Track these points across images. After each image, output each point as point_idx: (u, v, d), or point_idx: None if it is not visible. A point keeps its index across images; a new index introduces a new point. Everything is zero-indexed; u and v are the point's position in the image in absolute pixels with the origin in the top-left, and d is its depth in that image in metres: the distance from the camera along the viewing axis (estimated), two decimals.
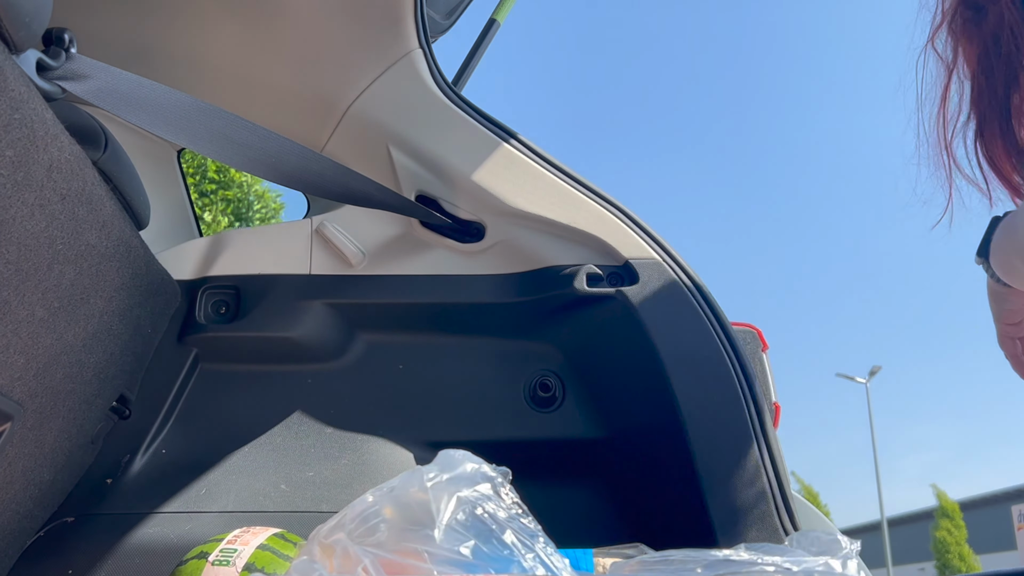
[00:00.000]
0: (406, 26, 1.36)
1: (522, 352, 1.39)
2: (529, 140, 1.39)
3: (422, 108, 1.39)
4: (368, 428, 1.34)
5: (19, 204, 0.83)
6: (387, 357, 1.39)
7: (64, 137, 0.90)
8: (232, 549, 0.88)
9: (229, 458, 1.31)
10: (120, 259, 1.08)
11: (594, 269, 1.31)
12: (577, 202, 1.34)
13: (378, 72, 1.39)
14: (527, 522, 0.54)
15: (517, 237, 1.36)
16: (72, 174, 0.92)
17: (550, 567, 0.51)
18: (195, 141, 1.07)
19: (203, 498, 1.26)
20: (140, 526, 1.22)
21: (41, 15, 0.84)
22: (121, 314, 1.13)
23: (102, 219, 1.01)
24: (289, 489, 1.27)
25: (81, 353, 1.06)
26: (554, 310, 1.35)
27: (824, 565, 0.60)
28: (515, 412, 1.36)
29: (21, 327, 0.90)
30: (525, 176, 1.35)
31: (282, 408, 1.36)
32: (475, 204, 1.36)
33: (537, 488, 1.12)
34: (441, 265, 1.39)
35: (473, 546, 0.50)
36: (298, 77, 1.42)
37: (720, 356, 1.23)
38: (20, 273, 0.87)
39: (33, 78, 0.86)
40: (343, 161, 1.33)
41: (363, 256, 1.39)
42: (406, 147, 1.38)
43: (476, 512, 0.52)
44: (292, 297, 1.36)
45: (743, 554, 0.60)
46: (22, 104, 0.80)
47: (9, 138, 0.78)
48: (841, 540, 0.63)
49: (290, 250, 1.39)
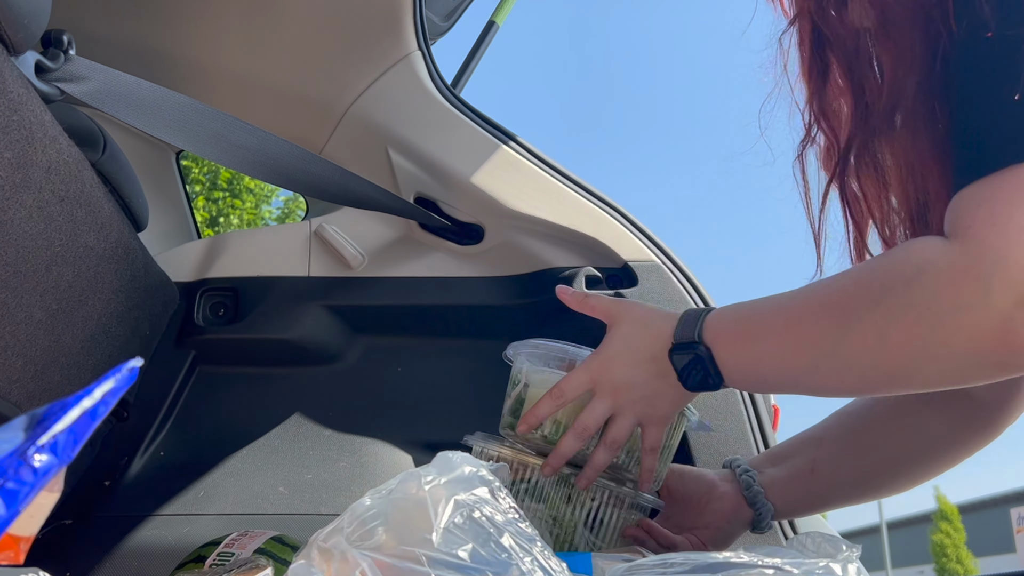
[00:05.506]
0: (405, 28, 1.36)
1: None
2: (528, 142, 1.39)
3: (421, 110, 1.39)
4: (367, 430, 1.34)
5: (17, 206, 0.83)
6: (386, 359, 1.39)
7: (63, 139, 0.90)
8: (229, 553, 0.87)
9: (227, 460, 1.30)
10: (119, 261, 1.08)
11: (593, 272, 1.31)
12: (576, 204, 1.34)
13: (377, 74, 1.39)
14: (524, 526, 0.53)
15: (516, 239, 1.36)
16: (70, 176, 0.92)
17: (548, 571, 0.51)
18: (194, 143, 1.07)
19: (201, 500, 1.26)
20: (138, 528, 1.22)
21: (40, 17, 0.84)
22: (119, 316, 1.13)
23: (100, 221, 1.01)
24: (288, 491, 1.27)
25: (79, 355, 1.06)
26: (553, 312, 1.35)
27: (824, 568, 0.59)
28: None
29: (19, 329, 0.90)
30: (524, 178, 1.35)
31: (281, 410, 1.35)
32: (474, 206, 1.36)
33: None
34: (440, 267, 1.39)
35: (471, 549, 0.50)
36: (297, 79, 1.42)
37: None
38: (18, 275, 0.87)
39: (32, 80, 0.86)
40: (342, 163, 1.33)
41: (362, 258, 1.38)
42: (405, 149, 1.38)
43: (474, 516, 0.52)
44: (291, 299, 1.36)
45: (743, 556, 0.60)
46: (21, 106, 0.80)
47: (7, 140, 0.78)
48: (841, 543, 0.63)
49: (289, 252, 1.39)
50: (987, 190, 0.62)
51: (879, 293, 0.67)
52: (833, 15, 0.79)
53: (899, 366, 0.68)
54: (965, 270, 0.62)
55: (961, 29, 0.67)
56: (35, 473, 0.35)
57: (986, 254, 0.61)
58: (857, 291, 0.70)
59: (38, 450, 0.35)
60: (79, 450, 0.37)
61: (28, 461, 0.35)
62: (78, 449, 0.36)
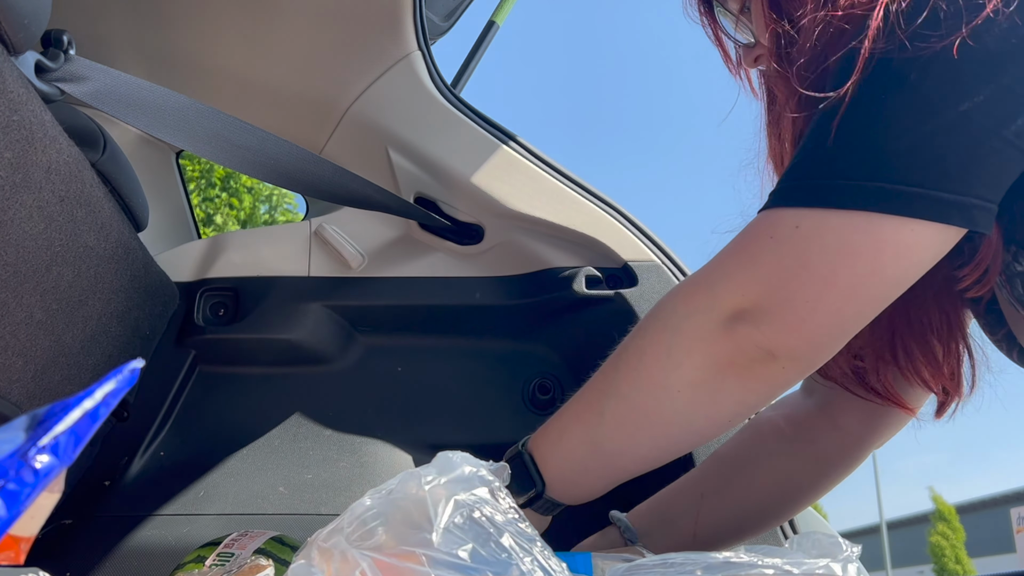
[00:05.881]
0: (405, 28, 1.36)
1: (521, 354, 1.39)
2: (528, 142, 1.39)
3: (421, 110, 1.39)
4: (367, 430, 1.34)
5: (17, 206, 0.83)
6: (386, 359, 1.39)
7: (63, 139, 0.90)
8: (229, 553, 0.87)
9: (227, 460, 1.30)
10: (119, 261, 1.08)
11: (593, 271, 1.31)
12: (576, 204, 1.34)
13: (377, 74, 1.39)
14: (524, 526, 0.53)
15: (516, 239, 1.36)
16: (71, 176, 0.92)
17: (548, 571, 0.51)
18: (194, 143, 1.07)
19: (201, 500, 1.26)
20: (138, 528, 1.22)
21: (40, 17, 0.84)
22: (119, 316, 1.13)
23: (100, 221, 1.01)
24: (288, 492, 1.27)
25: (79, 355, 1.06)
26: (553, 312, 1.35)
27: (825, 568, 0.59)
28: (514, 414, 1.36)
29: (19, 329, 0.90)
30: (524, 178, 1.35)
31: (281, 410, 1.35)
32: (474, 206, 1.36)
33: None
34: (440, 267, 1.39)
35: (471, 549, 0.50)
36: (297, 79, 1.42)
37: None
38: (18, 275, 0.87)
39: (32, 80, 0.86)
40: (342, 163, 1.33)
41: (362, 258, 1.38)
42: (405, 149, 1.38)
43: (474, 516, 0.52)
44: (291, 299, 1.36)
45: (743, 556, 0.60)
46: (21, 106, 0.80)
47: (7, 140, 0.78)
48: (841, 543, 0.63)
49: (289, 252, 1.39)
50: (750, 226, 0.72)
51: (641, 324, 0.78)
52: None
53: (655, 381, 0.74)
54: (698, 283, 0.74)
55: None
56: (36, 474, 0.35)
57: (717, 271, 0.72)
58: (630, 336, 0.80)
59: (39, 451, 0.35)
60: (80, 451, 0.37)
61: (29, 462, 0.35)
62: (79, 450, 0.36)
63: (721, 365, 0.71)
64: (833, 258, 0.66)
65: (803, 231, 0.67)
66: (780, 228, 0.68)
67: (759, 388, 0.72)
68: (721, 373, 0.71)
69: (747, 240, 0.72)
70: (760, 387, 0.72)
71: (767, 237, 0.69)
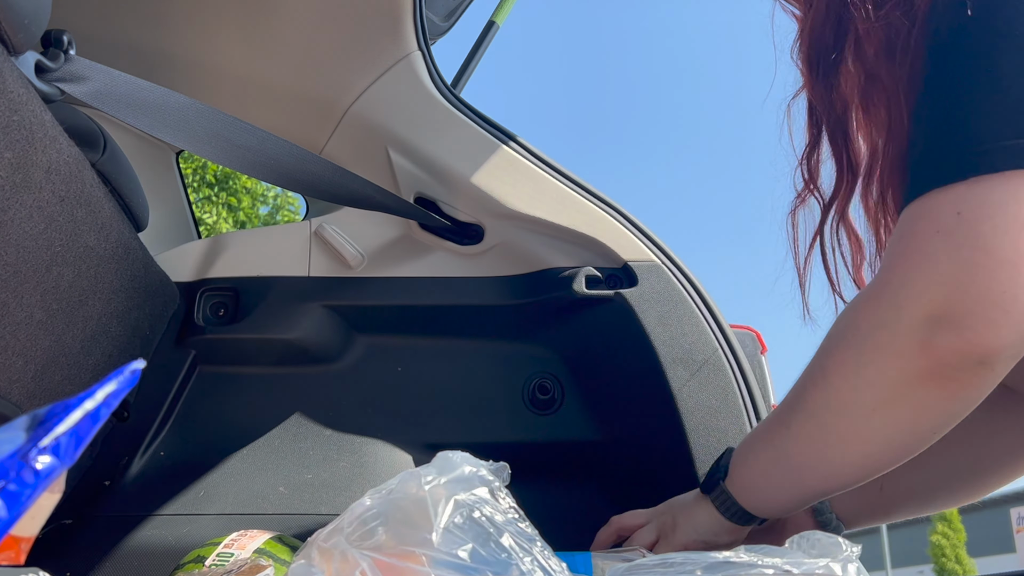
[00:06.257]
0: (405, 28, 1.36)
1: (521, 354, 1.39)
2: (528, 142, 1.39)
3: (421, 110, 1.39)
4: (367, 430, 1.34)
5: (17, 206, 0.83)
6: (386, 359, 1.39)
7: (63, 139, 0.90)
8: (229, 553, 0.87)
9: (227, 460, 1.31)
10: (119, 261, 1.08)
11: (593, 271, 1.31)
12: (576, 204, 1.34)
13: (377, 74, 1.39)
14: (524, 526, 0.53)
15: (516, 239, 1.36)
16: (71, 176, 0.92)
17: (548, 571, 0.51)
18: (194, 143, 1.07)
19: (201, 500, 1.26)
20: (138, 528, 1.22)
21: (40, 17, 0.84)
22: (120, 316, 1.13)
23: (101, 221, 1.01)
24: (288, 491, 1.27)
25: (79, 355, 1.06)
26: (553, 312, 1.35)
27: (825, 568, 0.59)
28: (514, 414, 1.36)
29: (19, 329, 0.90)
30: (524, 178, 1.35)
31: (281, 410, 1.36)
32: (474, 206, 1.36)
33: (536, 491, 1.12)
34: (440, 267, 1.39)
35: (471, 549, 0.50)
36: (297, 79, 1.42)
37: (719, 359, 1.23)
38: (18, 275, 0.87)
39: (32, 80, 0.86)
40: (342, 163, 1.33)
41: (362, 258, 1.38)
42: (405, 149, 1.38)
43: (474, 516, 0.52)
44: (291, 299, 1.36)
45: (743, 556, 0.60)
46: (21, 106, 0.80)
47: (7, 140, 0.78)
48: (841, 543, 0.63)
49: (289, 252, 1.39)
50: (905, 224, 0.67)
51: (824, 343, 0.74)
52: (823, 89, 0.84)
53: (843, 400, 0.71)
54: (877, 295, 0.68)
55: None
56: (37, 475, 0.35)
57: (893, 279, 0.67)
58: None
59: (40, 452, 0.35)
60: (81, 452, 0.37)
61: (30, 463, 0.35)
62: (80, 451, 0.36)
63: (922, 379, 0.65)
64: (1011, 234, 0.61)
65: (967, 216, 0.62)
66: (942, 219, 0.63)
67: (968, 395, 0.66)
68: (923, 387, 0.66)
69: (912, 240, 0.65)
70: (970, 394, 0.66)
71: (933, 232, 0.64)
